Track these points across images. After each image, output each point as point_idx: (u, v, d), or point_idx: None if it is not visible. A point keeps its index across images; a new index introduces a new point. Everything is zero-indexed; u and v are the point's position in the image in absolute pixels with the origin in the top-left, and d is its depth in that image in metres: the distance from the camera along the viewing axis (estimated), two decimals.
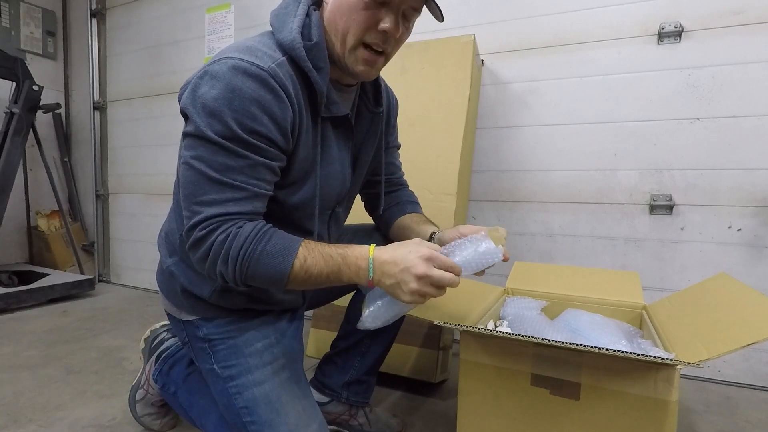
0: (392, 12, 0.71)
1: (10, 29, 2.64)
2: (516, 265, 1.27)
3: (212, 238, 0.66)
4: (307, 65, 0.72)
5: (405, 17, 0.74)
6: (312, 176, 0.79)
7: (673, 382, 0.67)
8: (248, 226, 0.67)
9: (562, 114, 1.64)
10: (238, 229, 0.67)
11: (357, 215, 1.06)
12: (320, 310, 1.43)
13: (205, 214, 0.66)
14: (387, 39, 0.73)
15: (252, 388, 0.77)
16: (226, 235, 0.66)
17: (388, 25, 0.71)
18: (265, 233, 0.68)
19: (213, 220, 0.67)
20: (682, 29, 1.46)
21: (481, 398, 0.82)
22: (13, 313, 2.05)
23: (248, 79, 0.66)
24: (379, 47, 0.74)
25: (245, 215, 0.68)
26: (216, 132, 0.65)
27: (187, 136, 0.69)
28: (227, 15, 2.30)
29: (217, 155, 0.66)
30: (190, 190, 0.68)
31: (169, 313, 0.88)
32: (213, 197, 0.67)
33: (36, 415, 1.17)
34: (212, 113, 0.65)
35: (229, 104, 0.65)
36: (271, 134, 0.68)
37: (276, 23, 0.76)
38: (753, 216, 1.41)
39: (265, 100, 0.67)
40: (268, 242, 0.67)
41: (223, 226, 0.67)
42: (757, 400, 1.34)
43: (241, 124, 0.66)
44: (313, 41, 0.73)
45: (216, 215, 0.66)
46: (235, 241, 0.66)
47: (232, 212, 0.67)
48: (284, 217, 0.78)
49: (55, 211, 2.74)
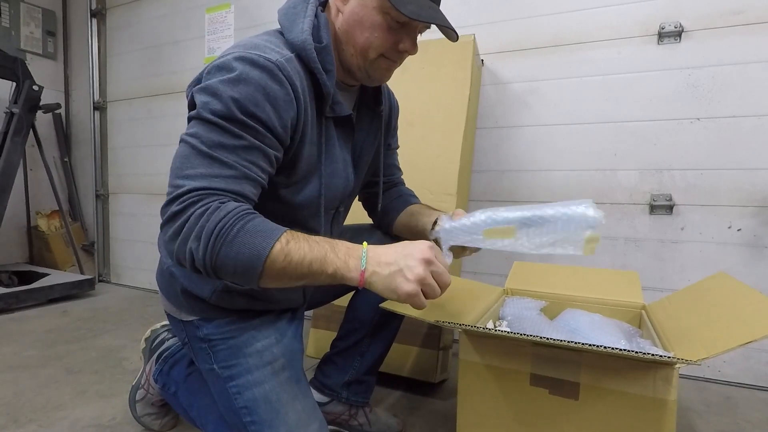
0: (412, 33, 0.76)
1: (10, 29, 2.64)
2: (515, 265, 1.27)
3: (190, 211, 0.60)
4: (317, 66, 0.73)
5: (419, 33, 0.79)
6: (316, 174, 0.79)
7: (672, 381, 0.67)
8: (232, 203, 0.62)
9: (562, 114, 1.64)
10: (220, 204, 0.61)
11: (357, 215, 1.06)
12: (320, 310, 1.43)
13: (188, 187, 0.61)
14: (403, 55, 0.79)
15: (252, 388, 0.77)
16: (205, 208, 0.60)
17: (408, 45, 0.76)
18: (249, 213, 0.62)
19: (194, 193, 0.61)
20: (682, 29, 1.46)
21: (481, 398, 0.82)
22: (13, 313, 2.05)
23: (256, 68, 0.66)
24: (395, 60, 0.79)
25: (230, 193, 0.63)
26: (214, 111, 0.64)
27: (188, 121, 0.68)
28: (227, 15, 2.30)
29: (211, 133, 0.64)
30: (178, 164, 0.64)
31: (169, 313, 0.88)
32: (200, 171, 0.62)
33: (36, 415, 1.17)
34: (214, 93, 0.65)
35: (233, 87, 0.65)
36: (271, 122, 0.67)
37: (285, 22, 0.76)
38: (753, 216, 1.41)
39: (271, 89, 0.67)
40: (249, 222, 0.61)
41: (205, 200, 0.61)
42: (757, 400, 1.34)
43: (241, 106, 0.65)
44: (323, 44, 0.74)
45: (199, 188, 0.61)
46: (213, 215, 0.60)
47: (217, 187, 0.62)
48: (289, 216, 0.78)
49: (55, 211, 2.74)
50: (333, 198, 0.85)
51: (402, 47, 0.76)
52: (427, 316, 0.85)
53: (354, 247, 0.65)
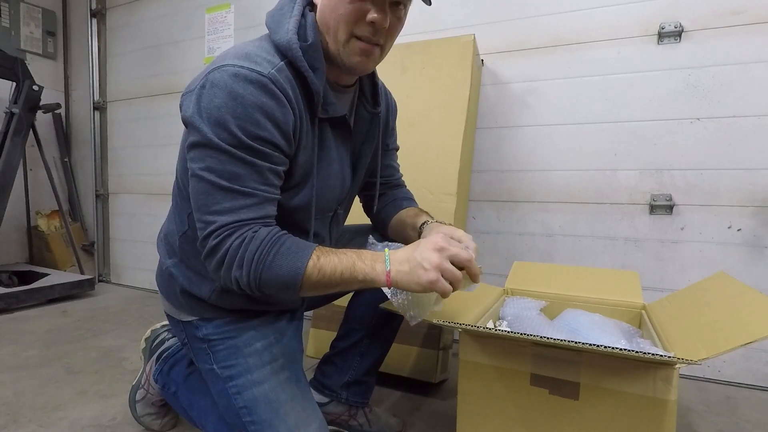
0: (378, 2, 0.71)
1: (10, 29, 2.64)
2: (515, 265, 1.27)
3: (227, 243, 0.67)
4: (303, 65, 0.72)
5: (394, 6, 0.73)
6: (310, 179, 0.79)
7: (672, 381, 0.67)
8: (263, 230, 0.68)
9: (562, 114, 1.64)
10: (253, 233, 0.67)
11: (357, 215, 1.06)
12: (320, 310, 1.43)
13: (219, 222, 0.67)
14: (377, 31, 0.73)
15: (251, 388, 0.77)
16: (242, 239, 0.67)
17: (375, 16, 0.70)
18: (280, 237, 0.69)
19: (227, 227, 0.67)
20: (682, 29, 1.46)
21: (481, 398, 0.82)
22: (13, 313, 2.05)
23: (249, 85, 0.66)
24: (370, 40, 0.73)
25: (259, 220, 0.69)
26: (222, 140, 0.66)
27: (193, 148, 0.69)
28: (227, 15, 2.30)
29: (225, 164, 0.67)
30: (202, 201, 0.68)
31: (169, 313, 0.88)
32: (226, 206, 0.67)
33: (36, 415, 1.17)
34: (217, 122, 0.66)
35: (232, 112, 0.66)
36: (275, 139, 0.69)
37: (272, 24, 0.76)
38: (753, 216, 1.41)
39: (268, 105, 0.67)
40: (282, 245, 0.68)
41: (238, 232, 0.67)
42: (757, 400, 1.34)
43: (246, 131, 0.66)
44: (309, 42, 0.73)
45: (230, 222, 0.67)
46: (251, 245, 0.67)
47: (245, 218, 0.68)
48: (286, 219, 0.78)
49: (55, 211, 2.74)
50: (329, 201, 0.85)
51: (369, 17, 0.70)
52: (428, 316, 0.85)
53: (377, 254, 0.71)
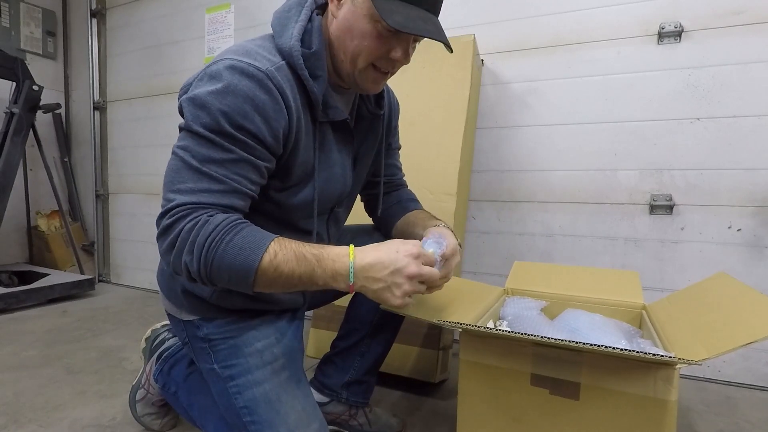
0: (404, 42, 0.73)
1: (10, 29, 2.64)
2: (515, 265, 1.27)
3: (180, 225, 0.63)
4: (303, 73, 0.72)
5: (413, 42, 0.76)
6: (311, 179, 0.79)
7: (673, 381, 0.67)
8: (220, 216, 0.64)
9: (562, 114, 1.64)
10: (208, 217, 0.63)
11: (358, 216, 1.06)
12: (320, 310, 1.43)
13: (177, 201, 0.64)
14: (395, 65, 0.76)
15: (252, 388, 0.77)
16: (195, 222, 0.63)
17: (399, 55, 0.73)
18: (237, 225, 0.64)
19: (183, 207, 0.64)
20: (682, 29, 1.46)
21: (481, 398, 0.82)
22: (13, 313, 2.05)
23: (245, 78, 0.66)
24: (388, 72, 0.77)
25: (219, 207, 0.65)
26: (203, 124, 0.65)
27: (180, 131, 0.70)
28: (227, 15, 2.30)
29: (201, 147, 0.66)
30: (170, 178, 0.67)
31: (170, 313, 0.88)
32: (189, 185, 0.65)
33: (36, 415, 1.17)
34: (202, 106, 0.66)
35: (220, 99, 0.65)
36: (260, 133, 0.68)
37: (277, 27, 0.76)
38: (753, 216, 1.41)
39: (260, 99, 0.67)
40: (237, 234, 0.63)
41: (194, 214, 0.63)
42: (757, 400, 1.34)
43: (230, 119, 0.65)
44: (313, 49, 0.73)
45: (188, 203, 0.64)
46: (203, 229, 0.62)
47: (205, 202, 0.65)
48: (283, 217, 0.79)
49: (55, 211, 2.74)
50: (329, 200, 0.85)
51: (393, 55, 0.73)
52: (428, 316, 0.85)
53: (339, 260, 0.66)
